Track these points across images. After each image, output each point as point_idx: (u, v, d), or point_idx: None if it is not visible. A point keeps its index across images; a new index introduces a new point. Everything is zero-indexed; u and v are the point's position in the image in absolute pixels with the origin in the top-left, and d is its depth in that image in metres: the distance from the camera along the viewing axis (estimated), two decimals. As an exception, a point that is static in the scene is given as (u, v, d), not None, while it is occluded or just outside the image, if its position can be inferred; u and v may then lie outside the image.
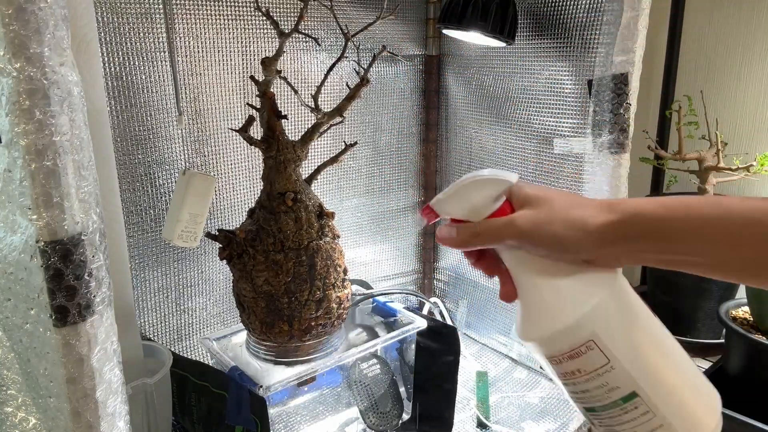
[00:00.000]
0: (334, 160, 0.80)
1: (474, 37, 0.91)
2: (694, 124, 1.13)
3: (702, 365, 1.04)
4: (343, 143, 0.80)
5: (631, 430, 0.42)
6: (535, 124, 0.97)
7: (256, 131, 0.77)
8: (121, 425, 0.50)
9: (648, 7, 0.76)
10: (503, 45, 0.91)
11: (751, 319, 0.93)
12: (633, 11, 0.75)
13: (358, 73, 0.75)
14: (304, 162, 0.75)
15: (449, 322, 1.17)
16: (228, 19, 0.86)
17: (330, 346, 0.78)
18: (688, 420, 0.41)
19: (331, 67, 0.76)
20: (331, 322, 0.75)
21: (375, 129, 1.10)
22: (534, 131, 0.97)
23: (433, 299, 1.21)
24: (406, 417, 0.87)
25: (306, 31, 0.82)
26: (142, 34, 0.79)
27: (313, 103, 0.75)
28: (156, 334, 0.90)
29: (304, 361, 0.76)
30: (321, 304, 0.73)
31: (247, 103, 0.84)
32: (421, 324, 0.86)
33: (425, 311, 1.15)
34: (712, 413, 0.42)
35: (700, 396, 0.43)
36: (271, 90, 0.72)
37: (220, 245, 0.74)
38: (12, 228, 0.44)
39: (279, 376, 0.73)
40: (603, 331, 0.41)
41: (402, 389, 0.89)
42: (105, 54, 0.76)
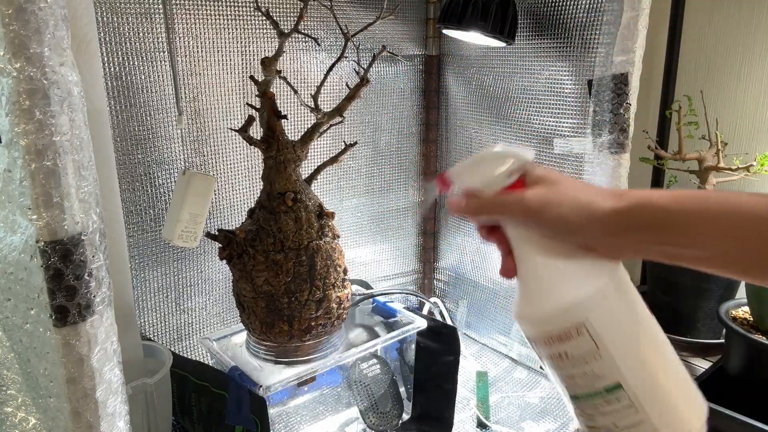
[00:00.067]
0: (334, 160, 0.80)
1: (474, 37, 0.91)
2: (694, 124, 1.13)
3: (702, 365, 1.04)
4: (343, 143, 0.80)
5: (610, 423, 0.41)
6: (535, 124, 0.97)
7: (256, 131, 0.77)
8: (121, 425, 0.50)
9: (648, 7, 0.76)
10: (503, 45, 0.91)
11: (751, 319, 0.93)
12: (633, 11, 0.75)
13: (358, 73, 0.75)
14: (304, 162, 0.75)
15: (449, 322, 1.17)
16: (228, 19, 0.86)
17: (330, 346, 0.78)
18: (670, 422, 0.41)
19: (331, 67, 0.76)
20: (331, 322, 0.75)
21: (375, 129, 1.10)
22: (534, 131, 0.97)
23: (433, 299, 1.21)
24: (406, 417, 0.87)
25: (306, 31, 0.82)
26: (142, 34, 0.79)
27: (313, 103, 0.75)
28: (156, 334, 0.90)
29: (304, 361, 0.76)
30: (321, 304, 0.73)
31: (247, 103, 0.84)
32: (421, 324, 0.86)
33: (425, 311, 1.15)
34: (696, 420, 0.42)
35: (687, 401, 0.42)
36: (271, 90, 0.72)
37: (220, 245, 0.74)
38: (12, 228, 0.44)
39: (279, 376, 0.73)
40: (596, 317, 0.40)
41: (402, 389, 0.89)
42: (105, 54, 0.76)
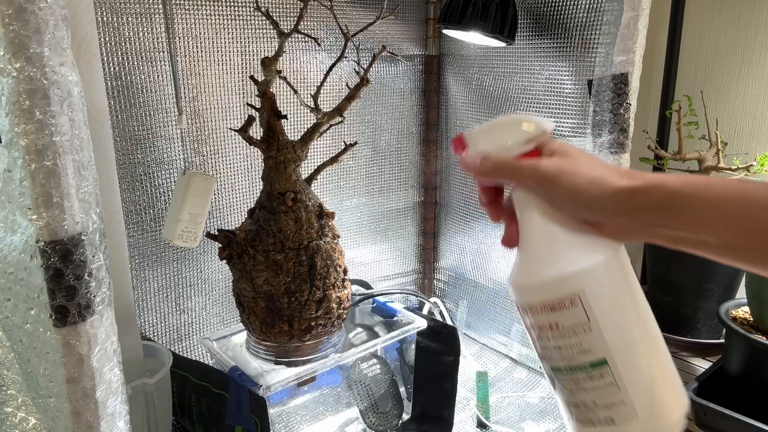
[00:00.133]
0: (334, 160, 0.80)
1: (474, 37, 0.91)
2: (694, 124, 1.13)
3: (702, 365, 1.04)
4: (343, 143, 0.80)
5: (590, 399, 0.41)
6: (535, 124, 0.97)
7: (256, 131, 0.77)
8: (121, 425, 0.50)
9: (648, 7, 0.76)
10: (503, 45, 0.91)
11: (751, 319, 0.93)
12: (633, 11, 0.75)
13: (358, 73, 0.75)
14: (304, 162, 0.75)
15: (449, 322, 1.17)
16: (228, 19, 0.86)
17: (330, 346, 0.78)
18: (650, 407, 0.40)
19: (331, 67, 0.76)
20: (331, 322, 0.75)
21: (375, 129, 1.10)
22: (534, 131, 0.97)
23: (433, 299, 1.21)
24: (406, 417, 0.87)
25: (306, 31, 0.82)
26: (142, 34, 0.79)
27: (313, 103, 0.75)
28: (156, 334, 0.90)
29: (304, 361, 0.76)
30: (321, 304, 0.73)
31: (247, 103, 0.84)
32: (421, 324, 0.86)
33: (425, 311, 1.15)
34: (676, 411, 0.41)
35: (670, 390, 0.42)
36: (271, 90, 0.72)
37: (220, 245, 0.74)
38: (12, 228, 0.44)
39: (279, 376, 0.73)
40: (591, 291, 0.40)
41: (402, 389, 0.89)
42: (105, 54, 0.76)
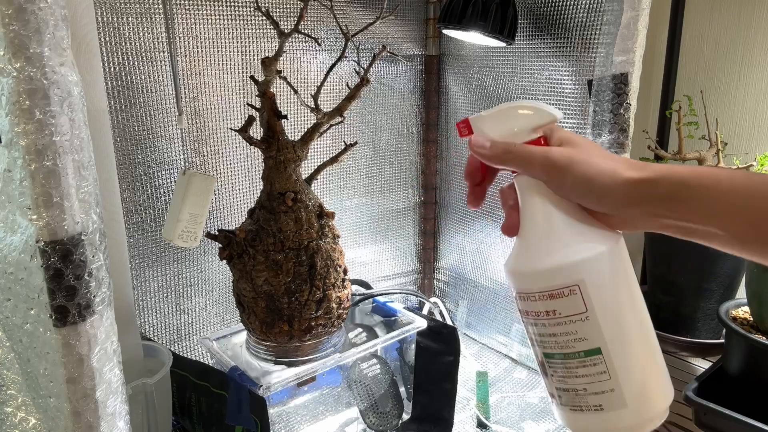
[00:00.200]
0: (334, 160, 0.80)
1: (474, 37, 0.91)
2: (694, 124, 1.13)
3: (702, 365, 1.04)
4: (343, 143, 0.80)
5: (580, 386, 0.42)
6: (535, 124, 0.97)
7: (256, 131, 0.77)
8: (121, 425, 0.50)
9: (648, 7, 0.76)
10: (503, 45, 0.91)
11: (751, 319, 0.93)
12: (633, 11, 0.75)
13: (358, 73, 0.75)
14: (304, 162, 0.75)
15: (449, 322, 1.17)
16: (228, 19, 0.86)
17: (330, 346, 0.78)
18: (639, 397, 0.42)
19: (331, 67, 0.76)
20: (331, 322, 0.75)
21: (375, 129, 1.10)
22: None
23: (433, 299, 1.21)
24: (406, 417, 0.87)
25: (306, 31, 0.82)
26: (142, 34, 0.79)
27: (313, 103, 0.75)
28: (156, 334, 0.90)
29: (304, 361, 0.76)
30: (321, 304, 0.73)
31: (247, 103, 0.84)
32: (421, 324, 0.86)
33: (425, 311, 1.15)
34: (662, 403, 0.43)
35: (658, 382, 0.43)
36: (271, 90, 0.72)
37: (220, 245, 0.74)
38: (12, 228, 0.44)
39: (279, 376, 0.73)
40: (591, 280, 0.41)
41: (402, 389, 0.89)
42: (105, 54, 0.76)
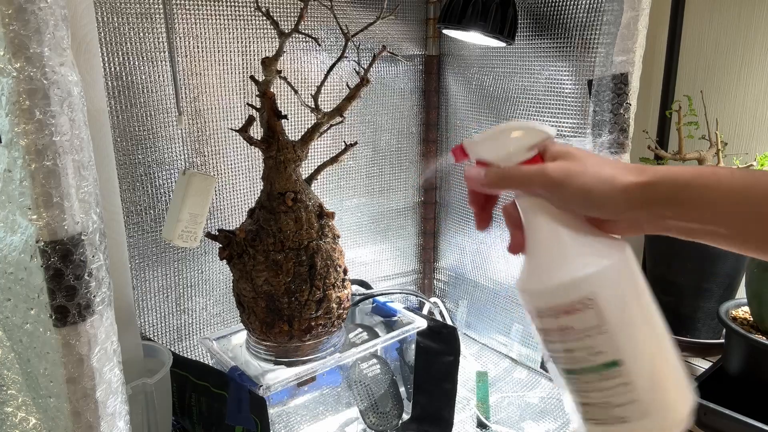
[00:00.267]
0: (334, 160, 0.80)
1: (474, 37, 0.91)
2: (694, 124, 1.13)
3: (702, 365, 1.04)
4: (343, 143, 0.80)
5: (602, 399, 0.42)
6: (535, 124, 0.97)
7: (256, 131, 0.77)
8: (121, 425, 0.50)
9: (648, 7, 0.76)
10: (503, 45, 0.91)
11: (751, 319, 0.93)
12: (633, 11, 0.75)
13: (358, 73, 0.75)
14: (304, 162, 0.75)
15: (449, 322, 1.17)
16: (228, 19, 0.86)
17: (330, 346, 0.78)
18: (660, 405, 0.41)
19: (331, 67, 0.76)
20: (331, 322, 0.75)
21: (375, 129, 1.10)
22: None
23: (433, 299, 1.21)
24: (406, 417, 0.87)
25: (306, 31, 0.82)
26: (142, 34, 0.79)
27: (313, 103, 0.75)
28: (156, 334, 0.90)
29: (304, 361, 0.76)
30: (321, 304, 0.73)
31: (247, 103, 0.84)
32: (421, 324, 0.86)
33: (425, 311, 1.15)
34: (683, 408, 0.42)
35: (678, 388, 0.43)
36: (271, 90, 0.72)
37: (220, 245, 0.74)
38: (12, 228, 0.44)
39: (279, 376, 0.73)
40: (604, 293, 0.41)
41: (402, 389, 0.89)
42: (105, 54, 0.76)
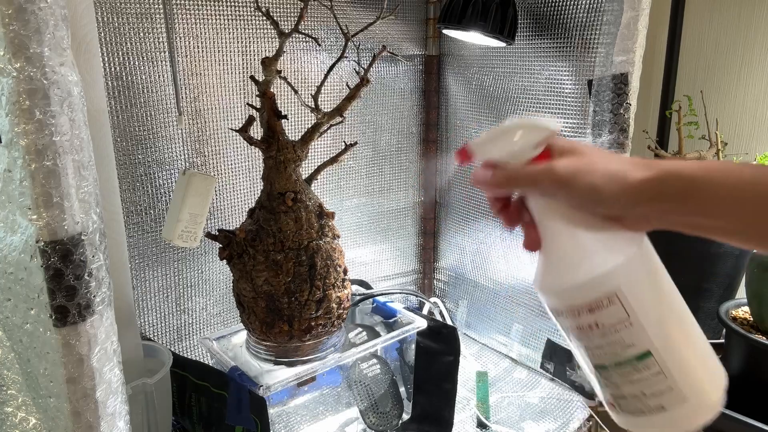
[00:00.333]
0: (334, 160, 0.80)
1: (474, 37, 0.91)
2: (694, 124, 1.13)
3: (702, 365, 1.04)
4: (343, 143, 0.80)
5: (638, 391, 0.42)
6: (535, 124, 0.97)
7: (256, 131, 0.77)
8: (121, 425, 0.50)
9: (648, 7, 0.76)
10: (503, 45, 0.91)
11: (751, 319, 0.93)
12: (633, 11, 0.75)
13: (358, 73, 0.75)
14: (304, 162, 0.75)
15: (449, 322, 1.17)
16: (228, 19, 0.86)
17: (330, 346, 0.78)
18: (696, 389, 0.41)
19: (331, 67, 0.76)
20: (331, 322, 0.75)
21: (375, 129, 1.10)
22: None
23: (433, 299, 1.21)
24: (406, 417, 0.87)
25: (306, 31, 0.82)
26: (142, 34, 0.79)
27: (313, 103, 0.75)
28: (156, 334, 0.90)
29: (304, 361, 0.76)
30: (321, 304, 0.73)
31: (247, 103, 0.84)
32: (421, 324, 0.86)
33: (425, 311, 1.15)
34: (717, 389, 0.42)
35: (710, 370, 0.43)
36: (271, 90, 0.72)
37: (220, 245, 0.74)
38: (12, 228, 0.44)
39: (279, 376, 0.73)
40: (627, 286, 0.41)
41: (402, 389, 0.89)
42: (105, 54, 0.76)
